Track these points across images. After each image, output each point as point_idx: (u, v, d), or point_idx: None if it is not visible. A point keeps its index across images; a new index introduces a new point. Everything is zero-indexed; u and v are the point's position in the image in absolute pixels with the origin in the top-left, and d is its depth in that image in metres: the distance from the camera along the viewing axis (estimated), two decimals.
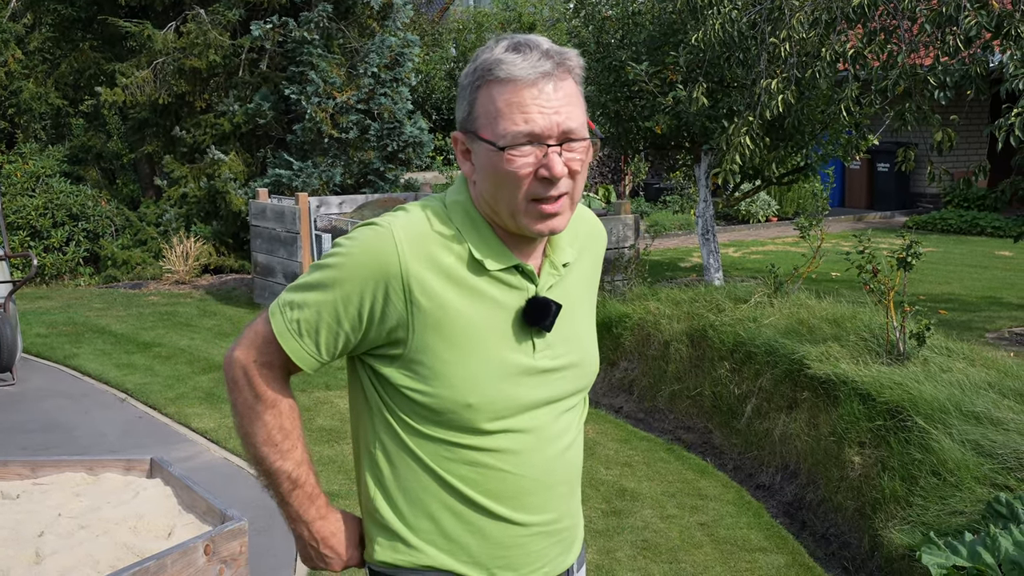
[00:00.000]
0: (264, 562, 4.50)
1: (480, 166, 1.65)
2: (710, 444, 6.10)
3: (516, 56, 1.59)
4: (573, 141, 1.61)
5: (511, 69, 1.58)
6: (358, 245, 1.67)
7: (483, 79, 1.61)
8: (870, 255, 5.52)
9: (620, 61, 8.95)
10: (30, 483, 3.40)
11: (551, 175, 1.59)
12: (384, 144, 12.47)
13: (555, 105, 1.59)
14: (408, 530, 1.73)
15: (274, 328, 1.71)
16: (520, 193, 1.61)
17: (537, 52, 1.59)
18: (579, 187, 1.65)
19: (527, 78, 1.58)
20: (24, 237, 12.19)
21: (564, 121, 1.59)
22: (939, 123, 6.98)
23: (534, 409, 1.71)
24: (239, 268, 12.78)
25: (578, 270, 1.82)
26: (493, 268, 1.67)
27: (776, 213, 16.51)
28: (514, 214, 1.64)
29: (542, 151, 1.59)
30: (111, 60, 13.21)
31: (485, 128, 1.61)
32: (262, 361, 1.73)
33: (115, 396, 7.29)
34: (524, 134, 1.58)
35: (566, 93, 1.61)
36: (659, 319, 6.98)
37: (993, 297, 9.27)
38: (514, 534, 1.73)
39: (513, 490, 1.71)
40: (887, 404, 4.70)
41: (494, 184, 1.63)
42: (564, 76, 1.61)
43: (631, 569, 4.37)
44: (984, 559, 3.27)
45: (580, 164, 1.63)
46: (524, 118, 1.58)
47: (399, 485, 1.73)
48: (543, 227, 1.64)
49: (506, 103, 1.58)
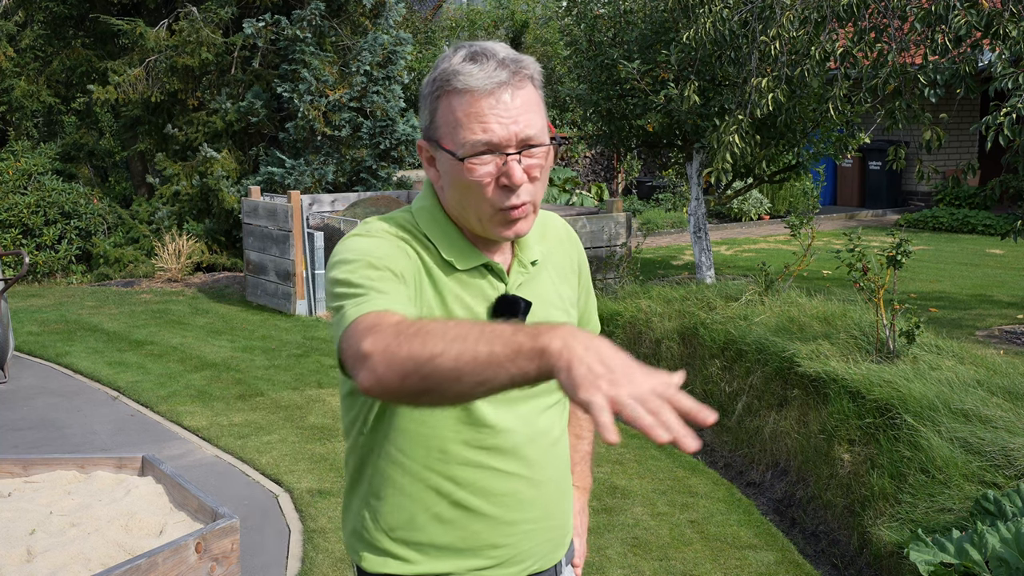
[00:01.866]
0: (255, 560, 4.51)
1: (444, 174, 1.68)
2: (701, 441, 6.11)
3: (473, 66, 1.60)
4: (533, 147, 1.63)
5: (468, 80, 1.60)
6: (363, 235, 1.67)
7: (442, 89, 1.63)
8: (860, 253, 5.54)
9: (612, 59, 8.96)
10: (21, 481, 3.41)
11: (511, 183, 1.61)
12: (377, 142, 12.47)
13: (513, 114, 1.60)
14: (397, 545, 1.75)
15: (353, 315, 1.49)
16: (483, 201, 1.63)
17: (494, 61, 1.61)
18: (541, 190, 1.67)
19: (484, 88, 1.59)
20: (16, 235, 12.17)
21: (523, 129, 1.61)
22: (929, 121, 7.01)
23: (514, 405, 1.73)
24: (231, 266, 12.77)
25: (551, 272, 1.85)
26: (462, 267, 1.70)
27: (768, 211, 16.54)
28: (480, 220, 1.67)
29: (502, 159, 1.61)
30: (103, 58, 13.19)
31: (446, 138, 1.64)
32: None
33: (107, 394, 7.29)
34: (483, 143, 1.60)
35: (524, 100, 1.62)
36: (650, 317, 7.00)
37: (983, 295, 9.30)
38: (502, 532, 1.75)
39: (501, 489, 1.73)
40: (877, 402, 4.72)
41: (459, 192, 1.66)
42: (522, 84, 1.63)
43: (621, 566, 4.39)
44: (971, 556, 3.30)
45: (540, 170, 1.65)
46: (482, 128, 1.59)
47: (386, 499, 1.75)
48: (509, 232, 1.67)
49: (464, 114, 1.60)
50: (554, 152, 1.70)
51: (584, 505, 2.15)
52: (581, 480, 2.16)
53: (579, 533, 2.10)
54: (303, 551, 4.59)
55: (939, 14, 6.44)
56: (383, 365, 1.34)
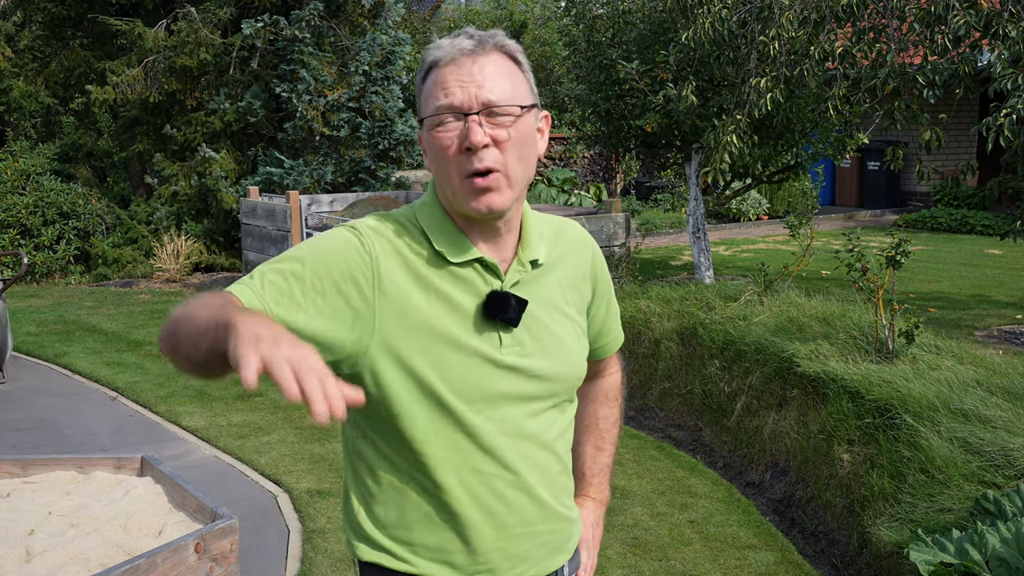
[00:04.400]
0: (254, 560, 4.50)
1: (426, 152, 1.71)
2: (700, 442, 6.11)
3: (444, 41, 1.68)
4: (497, 114, 1.63)
5: (435, 52, 1.66)
6: (327, 236, 1.72)
7: (423, 69, 1.70)
8: (859, 253, 5.54)
9: (611, 60, 8.96)
10: (20, 481, 3.40)
11: (470, 144, 1.61)
12: (375, 142, 12.47)
13: (475, 78, 1.63)
14: (392, 542, 1.75)
15: (231, 288, 1.61)
16: (452, 168, 1.64)
17: (464, 36, 1.66)
18: (515, 163, 1.66)
19: (447, 57, 1.64)
20: (14, 235, 12.16)
21: (484, 93, 1.62)
22: (928, 122, 7.01)
23: (505, 404, 1.71)
24: (230, 266, 12.77)
25: (558, 276, 1.82)
26: (455, 260, 1.70)
27: (767, 211, 16.54)
28: (455, 193, 1.67)
29: (464, 123, 1.62)
30: (101, 58, 13.19)
31: (422, 111, 1.70)
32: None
33: (106, 394, 7.28)
34: (445, 107, 1.63)
35: (493, 68, 1.64)
36: (649, 317, 7.00)
37: (982, 295, 9.30)
38: (492, 536, 1.73)
39: (488, 492, 1.72)
40: (876, 402, 4.72)
41: (435, 165, 1.68)
42: (488, 52, 1.65)
43: (621, 567, 4.38)
44: (971, 556, 3.29)
45: (507, 135, 1.64)
46: (444, 92, 1.63)
47: (380, 500, 1.75)
48: (478, 204, 1.65)
49: (432, 83, 1.66)
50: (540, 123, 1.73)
51: (599, 518, 2.11)
52: (598, 492, 2.13)
53: (589, 546, 2.05)
54: (302, 551, 4.59)
55: (938, 14, 6.44)
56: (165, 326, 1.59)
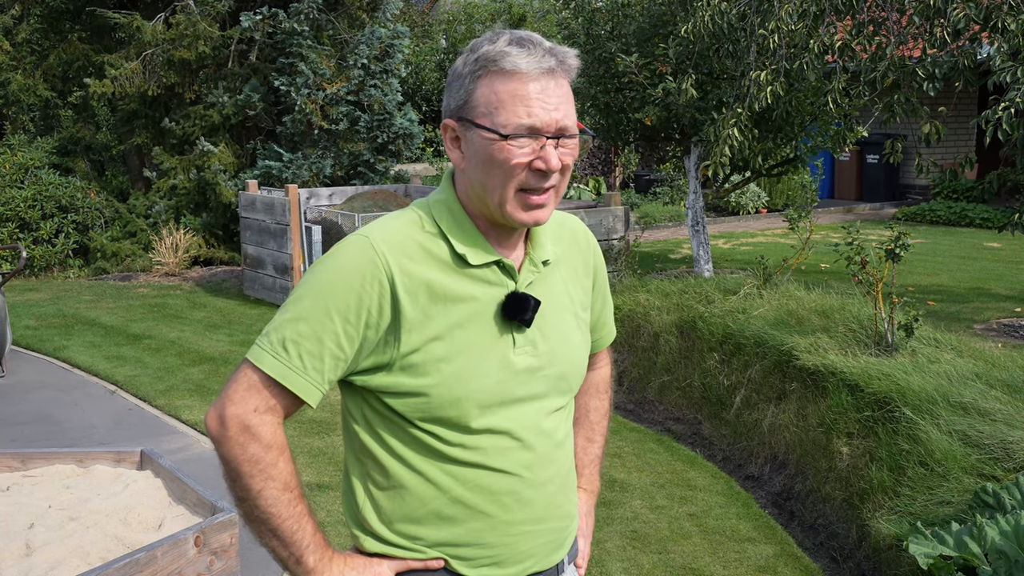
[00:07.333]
0: (254, 553, 4.50)
1: (472, 154, 1.69)
2: (699, 435, 6.12)
3: (521, 51, 1.65)
4: (567, 138, 1.68)
5: (517, 62, 1.64)
6: (340, 259, 1.70)
7: (485, 69, 1.66)
8: (859, 247, 5.54)
9: (610, 53, 8.95)
10: (20, 475, 3.40)
11: (547, 167, 1.65)
12: (374, 136, 12.46)
13: (555, 102, 1.65)
14: (398, 536, 1.75)
15: (272, 372, 1.66)
16: (511, 182, 1.66)
17: (541, 49, 1.66)
18: (564, 182, 1.72)
19: (532, 72, 1.64)
20: (13, 229, 12.15)
21: (562, 118, 1.66)
22: (927, 115, 7.00)
23: (519, 405, 1.73)
24: (229, 260, 12.76)
25: (563, 273, 1.86)
26: (475, 263, 1.71)
27: (766, 205, 16.54)
28: (502, 203, 1.68)
29: (539, 144, 1.65)
30: (100, 51, 13.16)
31: (484, 117, 1.66)
32: (263, 409, 1.67)
33: (105, 388, 7.28)
34: (526, 127, 1.63)
35: (564, 92, 1.68)
36: (649, 311, 6.99)
37: (981, 288, 9.31)
38: (502, 531, 1.74)
39: (500, 488, 1.73)
40: (875, 395, 4.72)
41: (485, 172, 1.67)
42: (564, 75, 1.68)
43: (621, 559, 4.39)
44: (971, 548, 3.30)
45: (571, 160, 1.70)
46: (527, 111, 1.63)
47: (387, 494, 1.75)
48: (528, 217, 1.69)
49: (510, 94, 1.64)
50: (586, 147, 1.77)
51: (591, 508, 2.14)
52: (589, 483, 2.17)
53: (584, 534, 2.09)
54: None
55: (937, 7, 6.44)
56: (226, 450, 1.66)
